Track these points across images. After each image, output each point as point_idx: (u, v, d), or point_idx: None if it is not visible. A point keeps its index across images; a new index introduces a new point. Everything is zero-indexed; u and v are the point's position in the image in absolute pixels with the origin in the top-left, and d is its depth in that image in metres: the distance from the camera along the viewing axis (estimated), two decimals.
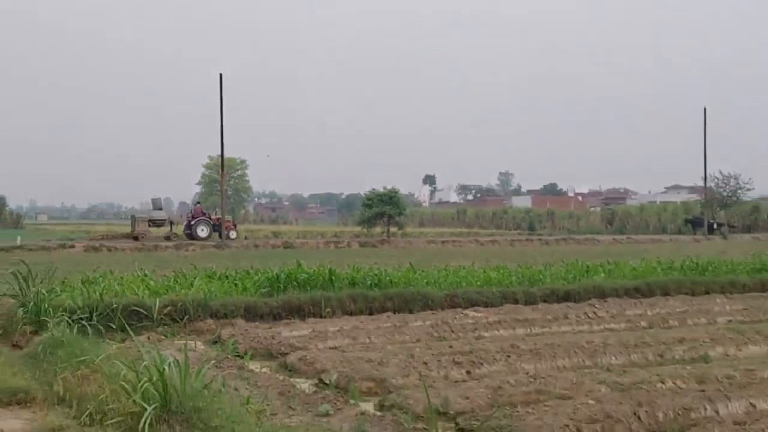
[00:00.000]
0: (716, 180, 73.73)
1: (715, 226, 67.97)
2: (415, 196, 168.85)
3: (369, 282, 17.44)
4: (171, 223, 56.19)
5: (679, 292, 19.26)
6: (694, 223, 71.73)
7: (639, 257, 26.30)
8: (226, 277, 18.45)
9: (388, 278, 17.88)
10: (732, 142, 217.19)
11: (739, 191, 74.82)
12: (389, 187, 58.72)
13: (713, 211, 72.54)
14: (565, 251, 37.49)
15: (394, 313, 15.86)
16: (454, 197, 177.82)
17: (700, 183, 72.84)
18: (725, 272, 21.64)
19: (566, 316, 15.44)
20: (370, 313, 15.88)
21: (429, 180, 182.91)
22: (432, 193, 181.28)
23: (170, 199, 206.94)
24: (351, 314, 15.75)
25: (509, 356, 11.16)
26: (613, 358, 11.52)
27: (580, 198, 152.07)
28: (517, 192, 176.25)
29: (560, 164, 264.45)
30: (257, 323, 14.73)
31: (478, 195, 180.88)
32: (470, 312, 15.92)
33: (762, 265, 23.20)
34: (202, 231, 52.45)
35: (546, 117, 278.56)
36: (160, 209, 57.17)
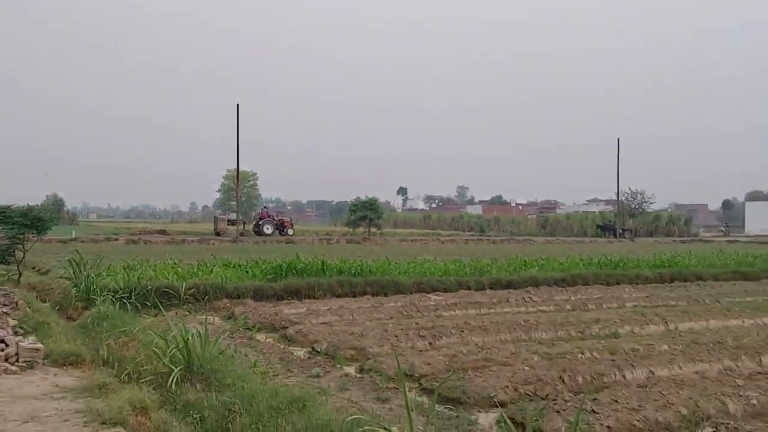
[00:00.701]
0: (626, 195, 74.34)
1: (620, 231, 68.62)
2: (391, 204, 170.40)
3: (353, 271, 17.43)
4: (243, 222, 56.74)
5: (596, 283, 19.40)
6: (604, 228, 72.02)
7: (565, 255, 26.40)
8: (239, 265, 18.41)
9: (368, 268, 17.89)
10: (640, 163, 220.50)
11: (644, 204, 75.57)
12: (370, 196, 59.34)
13: (623, 219, 73.15)
14: (508, 249, 37.57)
15: (373, 296, 15.93)
16: (421, 205, 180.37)
17: (614, 197, 73.48)
18: (632, 267, 21.74)
19: (508, 300, 15.50)
20: (354, 296, 15.91)
21: (402, 191, 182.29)
22: (404, 201, 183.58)
23: (195, 203, 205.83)
24: (338, 296, 15.79)
25: (463, 331, 11.23)
26: (544, 333, 11.59)
27: (520, 207, 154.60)
28: (471, 202, 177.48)
29: (505, 180, 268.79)
30: (263, 303, 14.69)
31: (441, 203, 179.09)
32: (432, 296, 15.96)
33: (661, 262, 23.37)
34: (267, 229, 53.02)
35: (494, 143, 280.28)
36: (235, 212, 57.17)
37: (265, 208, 66.28)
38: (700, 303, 15.68)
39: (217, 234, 52.46)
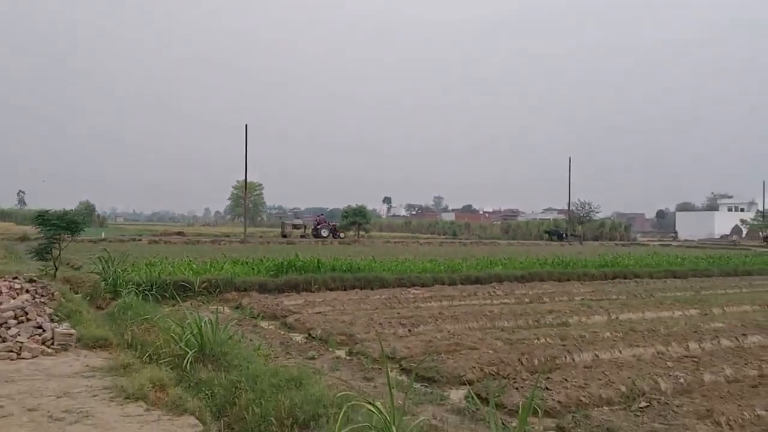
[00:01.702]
0: (576, 205, 74.98)
1: (565, 235, 67.68)
2: (377, 211, 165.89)
3: (344, 268, 17.30)
4: (304, 226, 60.66)
5: (550, 279, 19.40)
6: (551, 234, 70.89)
7: (524, 256, 26.49)
8: (246, 263, 18.28)
9: (357, 266, 17.79)
10: (588, 175, 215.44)
11: (591, 213, 76.82)
12: (360, 204, 58.76)
13: (574, 226, 72.69)
14: (476, 251, 37.56)
15: (361, 290, 15.83)
16: (403, 212, 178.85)
17: (566, 207, 73.19)
18: (581, 266, 21.77)
19: (476, 293, 15.49)
20: (345, 290, 15.79)
21: (387, 200, 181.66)
22: (388, 209, 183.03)
23: (209, 209, 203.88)
24: (331, 290, 15.69)
25: (437, 320, 11.23)
26: (506, 322, 11.60)
27: (486, 215, 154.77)
28: (446, 210, 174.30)
29: (474, 191, 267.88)
30: (267, 295, 14.60)
31: (419, 211, 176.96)
32: (412, 290, 15.93)
33: (605, 262, 23.46)
34: (324, 232, 56.26)
35: (465, 158, 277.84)
36: (299, 218, 62.88)
37: (321, 215, 67.13)
38: (637, 297, 15.79)
39: (284, 236, 54.92)
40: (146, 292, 12.72)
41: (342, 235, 56.21)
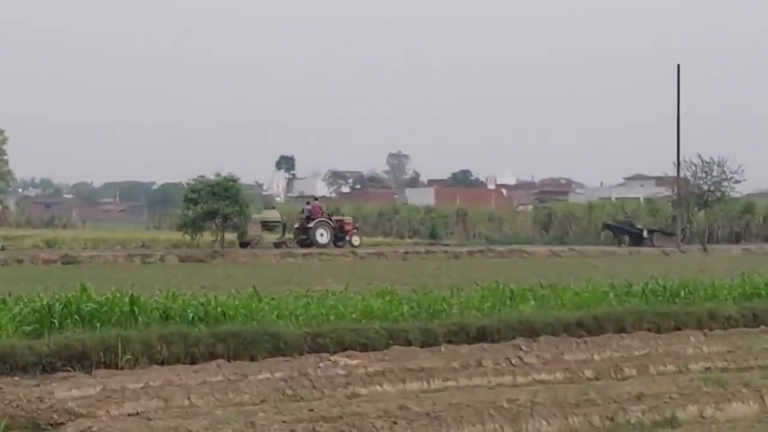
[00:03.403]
0: (693, 168, 36.35)
1: (645, 233, 36.13)
2: (265, 187, 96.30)
3: (191, 315, 9.73)
4: (283, 225, 36.10)
5: (638, 328, 11.11)
6: (615, 228, 37.60)
7: (585, 277, 14.24)
8: None
9: (220, 309, 10.07)
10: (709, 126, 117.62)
11: (724, 183, 36.52)
12: (225, 173, 29.25)
13: (689, 211, 37.66)
14: (482, 268, 21.25)
15: (229, 361, 8.53)
16: (322, 189, 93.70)
17: (672, 172, 37.34)
18: (704, 299, 12.64)
19: (480, 363, 8.58)
20: (193, 362, 8.70)
21: (285, 164, 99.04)
22: (290, 182, 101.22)
23: None
24: (163, 363, 8.41)
25: (396, 423, 6.02)
26: (545, 423, 6.21)
27: (504, 192, 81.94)
28: (414, 182, 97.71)
29: (476, 145, 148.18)
30: (17, 378, 7.53)
31: (358, 186, 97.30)
32: (341, 359, 8.92)
33: (754, 290, 13.20)
34: (322, 234, 32.39)
35: (455, 84, 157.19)
36: (273, 207, 38.57)
37: (314, 201, 38.03)
38: None
39: (245, 245, 32.65)
40: None
41: (356, 240, 31.78)
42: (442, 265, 23.55)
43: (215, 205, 27.85)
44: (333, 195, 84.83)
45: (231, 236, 30.44)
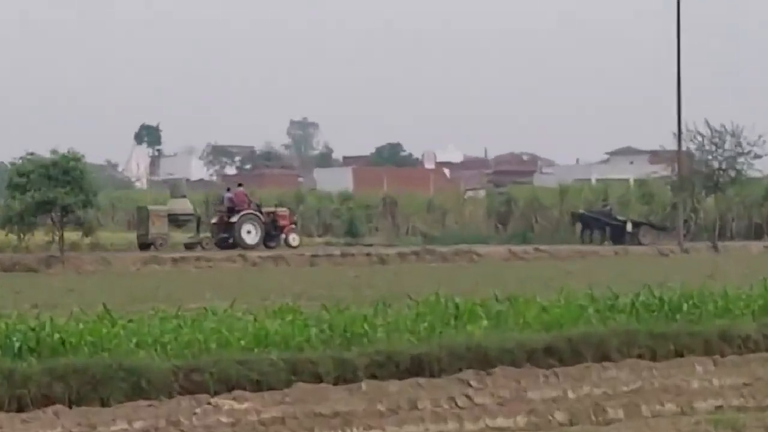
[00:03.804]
0: (700, 139, 27.56)
1: (628, 227, 27.71)
2: (120, 169, 76.54)
3: (17, 345, 7.54)
4: (198, 219, 27.06)
5: (627, 355, 8.13)
6: (585, 220, 29.14)
7: (556, 287, 11.03)
8: None
9: (58, 336, 7.83)
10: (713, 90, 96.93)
11: (740, 159, 27.48)
12: (64, 150, 22.23)
13: (694, 197, 29.02)
14: (417, 277, 17.66)
15: (70, 407, 6.67)
16: (200, 170, 74.12)
17: (670, 145, 29.02)
18: (713, 315, 9.95)
19: (414, 404, 6.91)
20: (20, 408, 6.63)
21: (149, 136, 77.74)
22: (154, 160, 79.81)
23: None
24: None
25: None
26: None
27: (446, 173, 66.13)
28: (325, 160, 78.51)
29: (407, 111, 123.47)
30: None
31: (248, 166, 77.84)
32: (225, 402, 7.08)
33: None
34: (249, 231, 24.89)
35: (382, 47, 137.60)
36: (183, 195, 28.96)
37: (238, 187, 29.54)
38: None
39: (145, 246, 25.45)
40: None
41: (294, 240, 25.16)
42: (363, 273, 18.63)
43: (51, 193, 21.30)
44: (213, 178, 66.57)
45: (72, 235, 22.74)
